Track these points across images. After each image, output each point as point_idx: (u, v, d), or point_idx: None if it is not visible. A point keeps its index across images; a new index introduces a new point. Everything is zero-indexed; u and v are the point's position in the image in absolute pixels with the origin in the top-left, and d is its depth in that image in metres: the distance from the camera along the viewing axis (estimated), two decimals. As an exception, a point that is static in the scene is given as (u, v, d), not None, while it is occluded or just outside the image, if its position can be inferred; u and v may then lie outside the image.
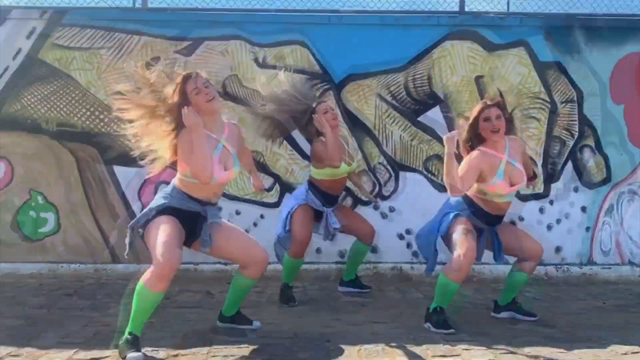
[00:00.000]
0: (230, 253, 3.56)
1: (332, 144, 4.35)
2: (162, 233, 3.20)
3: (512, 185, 3.79)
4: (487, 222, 3.91)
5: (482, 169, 3.71)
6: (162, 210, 3.31)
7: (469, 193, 3.84)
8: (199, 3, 5.67)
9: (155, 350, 3.19)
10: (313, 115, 4.48)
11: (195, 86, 3.29)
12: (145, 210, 3.42)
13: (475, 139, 3.82)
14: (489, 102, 3.82)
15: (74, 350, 3.17)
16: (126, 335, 3.13)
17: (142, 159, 3.44)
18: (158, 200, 3.39)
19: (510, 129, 3.93)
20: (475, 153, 3.77)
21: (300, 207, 4.61)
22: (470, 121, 3.82)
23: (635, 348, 3.34)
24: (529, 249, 3.96)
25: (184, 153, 3.27)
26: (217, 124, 3.45)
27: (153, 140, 3.34)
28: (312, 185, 4.68)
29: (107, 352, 3.14)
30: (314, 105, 4.56)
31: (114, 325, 3.70)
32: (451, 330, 3.67)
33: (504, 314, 4.11)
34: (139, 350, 3.07)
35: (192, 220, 3.39)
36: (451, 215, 3.84)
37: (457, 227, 3.78)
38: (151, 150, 3.39)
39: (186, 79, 3.30)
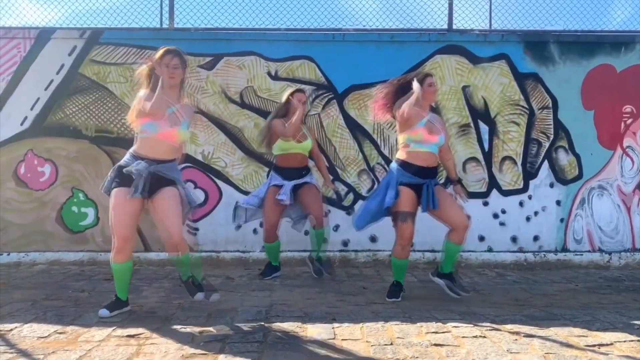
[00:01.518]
0: (160, 221, 3.52)
1: (295, 122, 4.54)
2: (113, 211, 3.45)
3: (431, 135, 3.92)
4: (421, 175, 3.92)
5: (411, 115, 3.85)
6: (116, 176, 3.46)
7: (400, 156, 4.01)
8: (218, 23, 5.68)
9: (184, 327, 3.20)
10: (291, 101, 4.67)
11: (168, 62, 3.45)
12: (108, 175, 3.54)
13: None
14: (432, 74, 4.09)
15: (112, 328, 3.19)
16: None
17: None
18: (113, 168, 3.54)
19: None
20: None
21: (268, 192, 4.70)
22: (419, 78, 3.99)
23: (605, 325, 3.32)
24: (453, 218, 3.95)
25: (141, 103, 3.41)
26: (175, 96, 3.54)
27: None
28: (274, 165, 4.86)
29: (141, 330, 3.15)
30: (292, 92, 4.75)
31: (147, 306, 3.72)
32: (398, 299, 3.93)
33: (438, 281, 4.09)
34: (108, 309, 3.45)
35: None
36: (393, 192, 3.90)
37: (399, 212, 3.90)
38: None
39: (166, 52, 3.49)
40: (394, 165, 4.06)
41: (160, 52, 3.51)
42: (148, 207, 3.56)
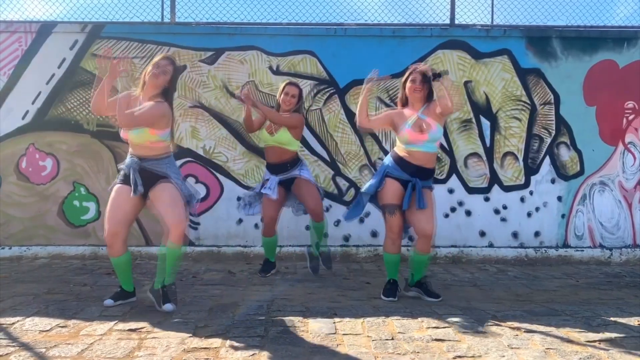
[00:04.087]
0: (160, 214, 3.55)
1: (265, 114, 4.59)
2: (108, 206, 3.57)
3: (421, 134, 3.79)
4: (411, 173, 3.81)
5: (393, 120, 3.89)
6: (118, 175, 3.66)
7: (397, 150, 3.91)
8: (220, 18, 5.66)
9: (185, 322, 3.21)
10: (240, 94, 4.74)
11: (155, 68, 3.58)
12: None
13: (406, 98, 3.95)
14: (418, 69, 3.92)
15: (114, 322, 3.19)
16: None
17: None
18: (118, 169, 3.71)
19: (430, 98, 3.91)
20: (394, 109, 4.02)
21: (262, 186, 4.66)
22: (402, 80, 3.97)
23: (606, 320, 3.33)
24: (418, 224, 3.79)
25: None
26: (150, 97, 3.60)
27: None
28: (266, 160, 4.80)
29: (142, 324, 3.15)
30: (282, 85, 4.69)
31: (148, 300, 3.72)
32: (395, 299, 3.83)
33: (412, 292, 3.96)
34: (112, 299, 3.61)
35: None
36: (375, 181, 3.89)
37: (385, 205, 3.86)
38: None
39: (163, 58, 3.67)
40: (387, 157, 4.00)
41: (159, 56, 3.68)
42: (149, 205, 3.61)
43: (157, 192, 3.54)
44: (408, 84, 3.88)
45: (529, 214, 5.61)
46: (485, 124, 5.58)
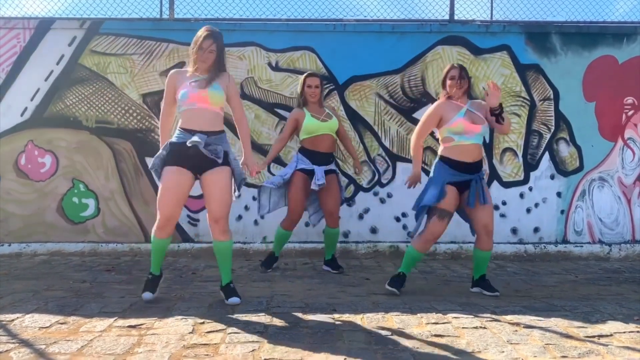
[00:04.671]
0: (207, 196, 3.50)
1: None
2: (161, 188, 3.45)
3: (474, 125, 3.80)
4: (467, 170, 3.79)
5: (442, 114, 3.83)
6: (168, 153, 3.47)
7: (443, 153, 3.86)
8: (219, 13, 5.65)
9: (185, 318, 3.21)
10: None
11: (202, 44, 3.48)
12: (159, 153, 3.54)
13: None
14: (455, 65, 3.92)
15: (114, 319, 3.19)
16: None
17: None
18: (165, 145, 3.53)
19: (470, 94, 3.96)
20: (436, 102, 3.93)
21: (292, 177, 4.57)
22: (442, 79, 3.96)
23: (605, 316, 3.34)
24: (481, 220, 3.80)
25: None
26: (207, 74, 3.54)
27: None
28: (300, 148, 4.69)
29: (142, 320, 3.15)
30: (302, 78, 4.67)
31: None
32: (397, 292, 3.85)
33: (476, 290, 4.00)
34: (153, 292, 3.60)
35: (189, 151, 3.42)
36: (436, 192, 3.78)
37: (438, 208, 3.79)
38: None
39: (206, 35, 3.52)
40: (438, 164, 3.89)
41: (200, 35, 3.53)
42: (200, 183, 3.55)
43: (212, 177, 3.46)
44: (448, 81, 3.87)
45: (528, 210, 5.61)
46: (485, 120, 5.57)
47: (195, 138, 3.39)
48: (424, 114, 3.97)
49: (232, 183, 3.58)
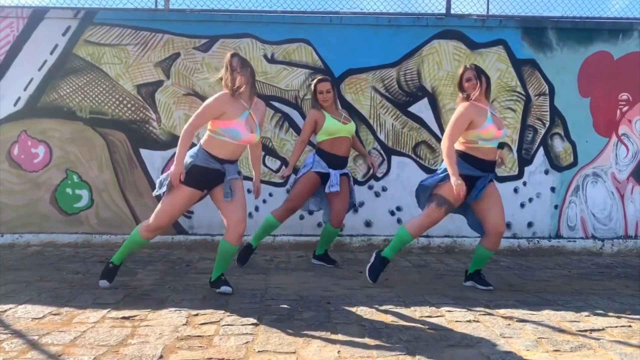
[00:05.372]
0: (226, 212, 3.59)
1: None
2: (171, 200, 3.52)
3: (499, 130, 3.81)
4: (483, 169, 3.82)
5: (472, 118, 3.74)
6: (189, 171, 3.50)
7: (461, 148, 3.82)
8: (214, 5, 5.62)
9: (178, 310, 3.21)
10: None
11: (234, 65, 3.57)
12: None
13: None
14: (467, 66, 3.90)
15: (107, 310, 3.19)
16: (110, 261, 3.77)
17: None
18: (186, 159, 3.54)
19: (487, 95, 3.93)
20: (464, 104, 3.80)
21: (306, 174, 4.56)
22: (457, 82, 3.92)
23: (597, 311, 3.36)
24: (490, 219, 3.81)
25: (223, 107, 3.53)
26: (246, 97, 3.60)
27: None
28: (318, 149, 4.64)
29: (135, 312, 3.15)
30: (313, 85, 4.64)
31: (142, 289, 3.73)
32: (374, 281, 3.92)
33: (469, 284, 4.02)
34: (110, 281, 3.74)
35: (212, 177, 3.56)
36: (442, 175, 3.80)
37: (438, 195, 3.79)
38: None
39: (232, 56, 3.62)
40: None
41: (227, 57, 3.61)
42: (212, 197, 3.68)
43: (233, 187, 3.60)
44: (465, 84, 3.84)
45: (522, 205, 5.63)
46: (480, 114, 5.57)
47: (235, 175, 3.62)
48: (453, 117, 3.79)
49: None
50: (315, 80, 4.64)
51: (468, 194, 3.77)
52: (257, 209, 5.49)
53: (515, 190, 5.62)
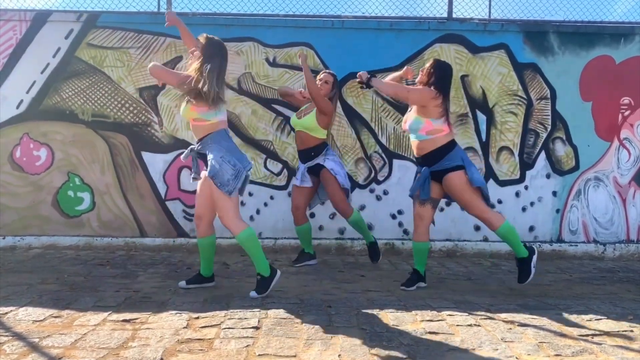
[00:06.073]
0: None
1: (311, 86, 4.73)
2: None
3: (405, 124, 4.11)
4: (419, 163, 4.12)
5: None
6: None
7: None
8: (217, 8, 5.62)
9: (179, 313, 3.20)
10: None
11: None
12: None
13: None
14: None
15: (108, 313, 3.19)
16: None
17: None
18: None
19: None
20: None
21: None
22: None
23: (598, 315, 3.34)
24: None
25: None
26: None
27: None
28: None
29: (136, 315, 3.15)
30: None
31: (143, 291, 3.72)
32: (411, 288, 3.99)
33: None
34: (185, 281, 3.91)
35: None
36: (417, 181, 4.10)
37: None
38: None
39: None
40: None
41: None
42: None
43: (201, 181, 3.82)
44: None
45: (523, 209, 5.62)
46: (482, 118, 5.57)
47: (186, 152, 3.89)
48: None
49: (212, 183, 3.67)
50: (323, 71, 4.95)
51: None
52: (258, 211, 5.49)
53: (517, 194, 5.61)
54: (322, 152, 4.78)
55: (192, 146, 3.84)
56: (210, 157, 3.65)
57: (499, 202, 5.58)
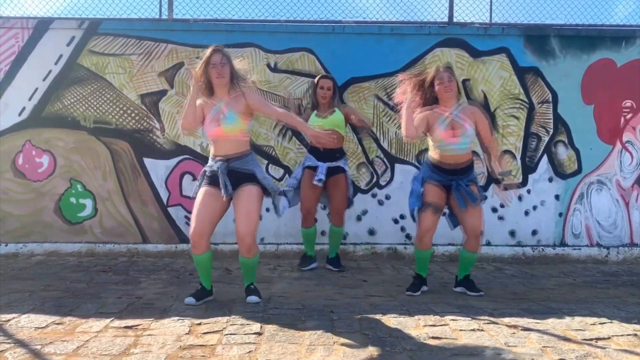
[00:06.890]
0: (235, 218, 3.59)
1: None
2: (195, 206, 3.57)
3: (454, 136, 3.89)
4: (448, 174, 3.92)
5: (428, 121, 3.91)
6: (201, 178, 3.66)
7: (430, 153, 4.03)
8: (218, 14, 5.65)
9: (181, 319, 3.20)
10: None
11: (214, 61, 3.56)
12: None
13: (432, 99, 3.98)
14: (441, 69, 3.98)
15: (110, 319, 3.18)
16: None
17: None
18: (201, 174, 3.71)
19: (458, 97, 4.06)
20: (425, 109, 3.96)
21: (304, 174, 4.81)
22: (427, 84, 3.97)
23: (602, 319, 3.33)
24: (466, 222, 3.92)
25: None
26: (224, 92, 3.63)
27: None
28: (309, 145, 4.86)
29: (138, 321, 3.14)
30: (316, 80, 4.89)
31: (145, 298, 3.72)
32: (417, 294, 3.94)
33: (458, 289, 4.10)
34: (195, 298, 3.57)
35: (212, 175, 3.60)
36: (421, 189, 3.96)
37: (423, 201, 3.93)
38: None
39: (213, 51, 3.60)
40: (424, 165, 4.12)
41: (207, 53, 3.62)
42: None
43: (238, 198, 3.56)
44: (437, 86, 3.91)
45: (526, 213, 5.61)
46: (483, 122, 5.57)
47: (215, 167, 3.58)
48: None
49: (260, 201, 3.62)
50: (319, 77, 4.90)
51: (449, 197, 3.95)
52: (260, 217, 5.47)
53: (520, 198, 5.60)
54: (344, 155, 4.88)
55: (222, 161, 3.57)
56: (256, 172, 3.60)
57: (501, 206, 5.56)
